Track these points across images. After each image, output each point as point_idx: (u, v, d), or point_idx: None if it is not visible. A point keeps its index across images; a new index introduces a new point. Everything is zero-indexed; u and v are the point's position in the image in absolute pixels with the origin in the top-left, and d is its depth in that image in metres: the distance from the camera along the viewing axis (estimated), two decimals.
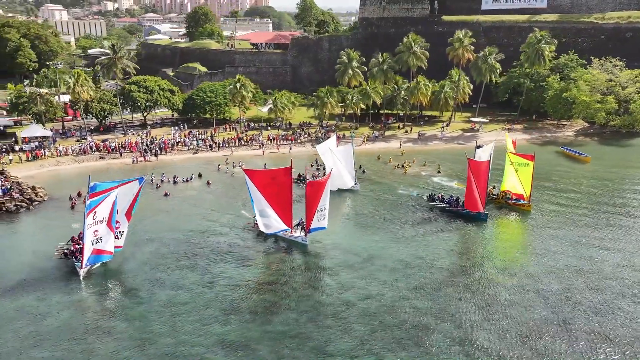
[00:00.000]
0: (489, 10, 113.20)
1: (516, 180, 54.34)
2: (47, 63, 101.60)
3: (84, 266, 38.65)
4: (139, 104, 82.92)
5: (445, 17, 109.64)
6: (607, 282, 38.46)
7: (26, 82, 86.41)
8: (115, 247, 41.16)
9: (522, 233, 50.49)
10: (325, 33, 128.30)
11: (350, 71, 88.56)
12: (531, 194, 53.28)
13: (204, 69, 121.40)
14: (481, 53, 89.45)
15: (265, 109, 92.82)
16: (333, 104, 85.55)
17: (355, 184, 60.11)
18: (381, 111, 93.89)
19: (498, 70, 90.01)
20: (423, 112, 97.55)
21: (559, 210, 53.35)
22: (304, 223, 45.78)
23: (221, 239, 46.23)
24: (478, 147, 57.64)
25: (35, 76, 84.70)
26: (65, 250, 41.19)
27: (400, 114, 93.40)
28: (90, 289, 37.74)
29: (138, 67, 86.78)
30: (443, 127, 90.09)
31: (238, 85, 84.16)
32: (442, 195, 54.97)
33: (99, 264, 40.38)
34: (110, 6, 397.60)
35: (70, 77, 76.77)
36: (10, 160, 67.15)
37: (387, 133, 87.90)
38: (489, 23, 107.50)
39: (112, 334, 32.10)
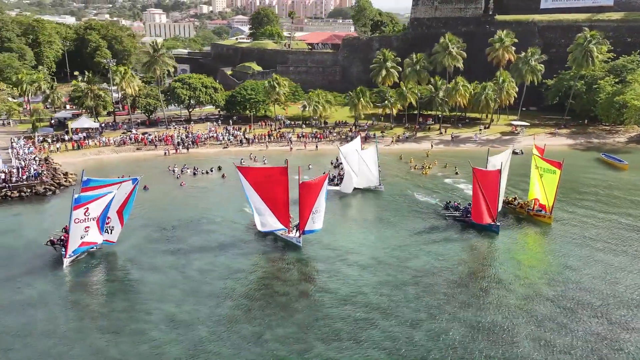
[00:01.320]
0: (548, 9, 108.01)
1: (539, 187, 50.53)
2: (101, 61, 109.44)
3: (67, 256, 40.61)
4: (182, 100, 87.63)
5: (499, 17, 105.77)
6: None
7: (79, 78, 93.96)
8: (107, 240, 42.97)
9: (527, 247, 47.11)
10: (380, 33, 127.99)
11: (384, 71, 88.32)
12: (554, 204, 49.17)
13: (258, 68, 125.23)
14: (522, 54, 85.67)
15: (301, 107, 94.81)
16: (364, 103, 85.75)
17: (380, 184, 60.31)
18: (418, 112, 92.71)
19: (540, 72, 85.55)
20: (466, 114, 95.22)
21: (578, 222, 49.47)
22: None
23: (213, 229, 48.20)
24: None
25: (86, 72, 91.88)
26: (52, 238, 42.63)
27: (440, 115, 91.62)
28: (73, 266, 40.84)
29: (176, 65, 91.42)
30: (480, 129, 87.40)
31: (274, 83, 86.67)
32: (457, 204, 52.22)
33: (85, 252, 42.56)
34: (205, 9, 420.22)
35: (117, 74, 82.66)
36: (58, 149, 73.76)
37: (420, 134, 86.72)
38: (544, 23, 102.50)
39: (74, 307, 35.18)
